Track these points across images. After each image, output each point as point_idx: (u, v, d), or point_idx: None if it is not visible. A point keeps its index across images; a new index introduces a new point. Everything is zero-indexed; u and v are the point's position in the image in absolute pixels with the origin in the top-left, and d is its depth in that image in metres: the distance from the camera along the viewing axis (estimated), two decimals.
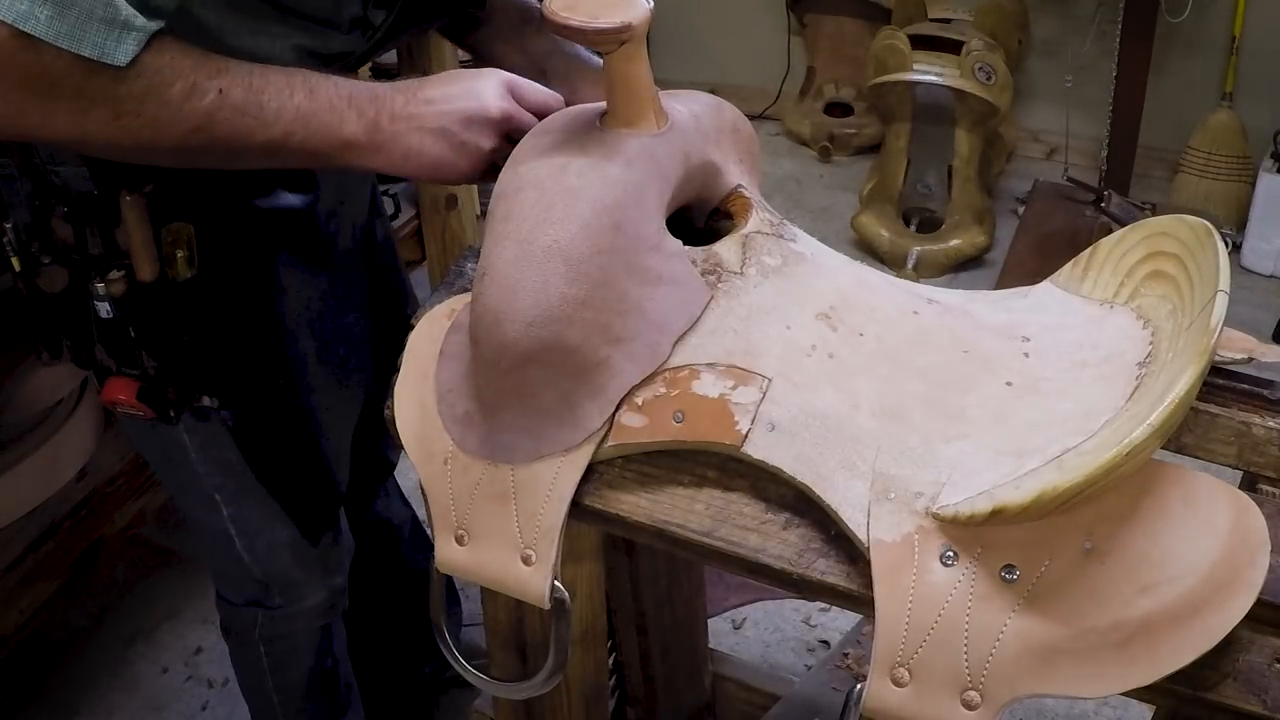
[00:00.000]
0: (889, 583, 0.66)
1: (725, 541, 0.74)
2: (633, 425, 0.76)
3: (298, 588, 1.24)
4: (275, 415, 1.12)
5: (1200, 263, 0.71)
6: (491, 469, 0.77)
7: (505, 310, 0.73)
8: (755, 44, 3.54)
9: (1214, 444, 0.75)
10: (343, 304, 1.15)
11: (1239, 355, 0.77)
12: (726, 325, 0.77)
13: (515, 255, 0.73)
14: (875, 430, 0.72)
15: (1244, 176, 2.85)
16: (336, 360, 1.15)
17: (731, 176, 0.88)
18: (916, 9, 3.02)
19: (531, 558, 0.76)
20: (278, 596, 1.24)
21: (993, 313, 0.82)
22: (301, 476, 1.18)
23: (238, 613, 1.27)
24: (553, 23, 0.73)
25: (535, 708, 1.06)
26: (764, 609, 1.89)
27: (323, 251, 1.11)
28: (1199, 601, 0.62)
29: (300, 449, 1.16)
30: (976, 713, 0.64)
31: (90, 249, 0.97)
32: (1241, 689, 0.64)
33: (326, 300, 1.12)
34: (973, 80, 2.67)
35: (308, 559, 1.22)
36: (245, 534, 1.17)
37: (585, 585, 0.96)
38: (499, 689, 0.98)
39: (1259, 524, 0.64)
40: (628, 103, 0.78)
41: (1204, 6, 2.80)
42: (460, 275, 0.92)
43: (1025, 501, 0.62)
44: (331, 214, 1.12)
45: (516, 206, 0.75)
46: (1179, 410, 0.61)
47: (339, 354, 1.15)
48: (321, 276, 1.11)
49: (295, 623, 1.27)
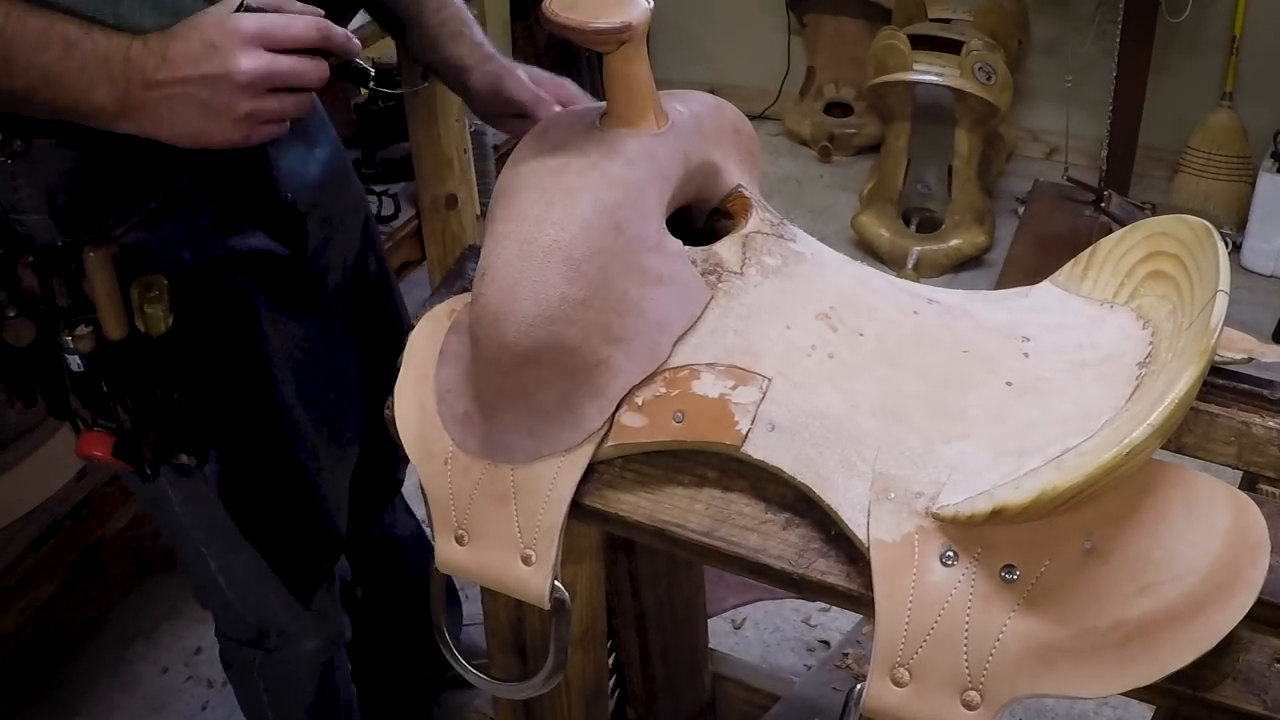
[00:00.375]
0: (889, 583, 0.66)
1: (725, 541, 0.74)
2: (633, 425, 0.76)
3: (293, 636, 1.22)
4: (263, 471, 1.07)
5: (1200, 263, 0.71)
6: (491, 469, 0.77)
7: (505, 310, 0.73)
8: (755, 44, 3.54)
9: (1214, 444, 0.75)
10: (332, 347, 1.10)
11: (1239, 355, 0.77)
12: (726, 325, 0.77)
13: (515, 255, 0.73)
14: (875, 430, 0.72)
15: (1244, 176, 2.85)
16: (327, 406, 1.10)
17: (731, 176, 0.88)
18: (916, 9, 3.02)
19: (531, 558, 0.76)
20: (274, 639, 1.21)
21: (993, 313, 0.82)
22: (292, 534, 1.13)
23: (238, 650, 1.26)
24: (552, 22, 0.73)
25: (535, 708, 1.06)
26: (764, 609, 1.89)
27: (309, 292, 1.07)
28: (1199, 601, 0.62)
29: (291, 505, 1.11)
30: (976, 713, 0.64)
31: (58, 299, 0.92)
32: (1241, 689, 0.64)
33: (314, 344, 1.07)
34: (973, 80, 2.67)
35: (301, 613, 1.19)
36: (234, 586, 1.15)
37: (585, 585, 0.96)
38: (499, 689, 0.98)
39: (1259, 524, 0.64)
40: (628, 103, 0.78)
41: (1204, 6, 2.80)
42: (460, 275, 0.92)
43: (1025, 501, 0.62)
44: (318, 251, 1.07)
45: (516, 206, 0.75)
46: (1179, 410, 0.61)
47: (329, 399, 1.10)
48: (307, 319, 1.06)
49: (294, 665, 1.26)
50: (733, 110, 0.91)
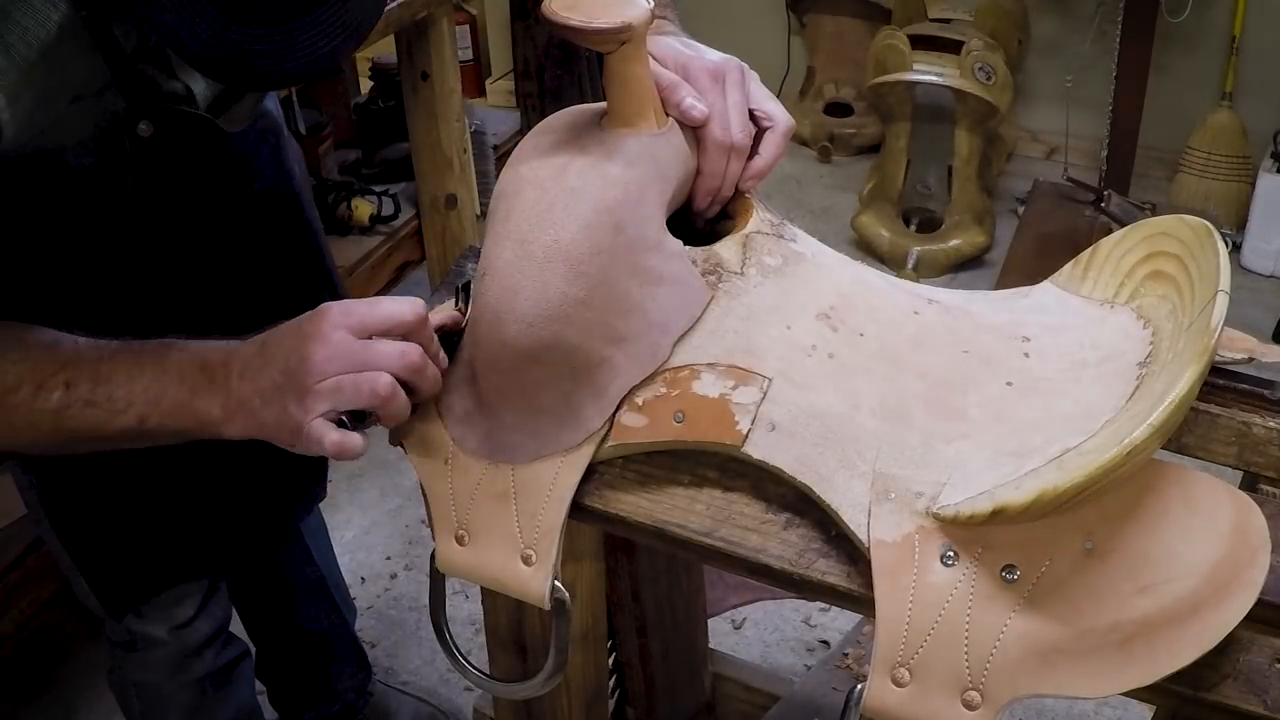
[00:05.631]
0: (889, 583, 0.66)
1: (725, 541, 0.74)
2: (633, 425, 0.76)
3: (150, 639, 1.23)
4: (77, 478, 1.04)
5: (1200, 263, 0.71)
6: (492, 469, 0.77)
7: (505, 310, 0.73)
8: (755, 44, 3.53)
9: (1214, 444, 0.75)
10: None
11: (1239, 355, 0.77)
12: (727, 325, 0.77)
13: (515, 255, 0.73)
14: (876, 430, 0.72)
15: (1244, 176, 2.85)
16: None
17: None
18: (916, 9, 3.02)
19: (531, 558, 0.76)
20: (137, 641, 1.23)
21: (993, 313, 0.82)
22: (109, 545, 1.11)
23: (110, 649, 1.28)
24: (552, 22, 0.73)
25: (535, 708, 1.06)
26: (764, 609, 1.89)
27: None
28: (1199, 601, 0.62)
29: (110, 515, 1.08)
30: (977, 713, 0.64)
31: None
32: (1241, 689, 0.64)
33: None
34: (973, 80, 2.67)
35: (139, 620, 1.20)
36: (77, 584, 1.15)
37: (585, 585, 0.96)
38: (499, 689, 0.98)
39: (1259, 524, 0.64)
40: (628, 103, 0.78)
41: (1204, 6, 2.80)
42: (460, 275, 0.92)
43: (1026, 501, 0.62)
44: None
45: (517, 206, 0.75)
46: (1179, 410, 0.61)
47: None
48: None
49: (156, 669, 1.27)
50: None
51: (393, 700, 1.66)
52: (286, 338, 0.75)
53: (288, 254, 1.18)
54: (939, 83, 2.67)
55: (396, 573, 2.00)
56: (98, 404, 0.76)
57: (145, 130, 0.88)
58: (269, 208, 1.15)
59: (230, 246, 1.10)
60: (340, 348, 0.73)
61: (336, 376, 0.72)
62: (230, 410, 0.76)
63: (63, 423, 0.76)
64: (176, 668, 1.27)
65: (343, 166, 2.58)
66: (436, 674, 1.81)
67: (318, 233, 1.25)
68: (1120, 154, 2.76)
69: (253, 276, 1.12)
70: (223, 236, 1.08)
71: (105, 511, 1.09)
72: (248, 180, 1.12)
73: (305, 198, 1.22)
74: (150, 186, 0.95)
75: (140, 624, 1.22)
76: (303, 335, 0.74)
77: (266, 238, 1.15)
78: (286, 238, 1.18)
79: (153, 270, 1.02)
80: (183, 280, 1.05)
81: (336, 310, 0.75)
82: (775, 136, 0.84)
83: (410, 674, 1.81)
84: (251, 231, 1.12)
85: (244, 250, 1.11)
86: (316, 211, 1.27)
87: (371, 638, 1.87)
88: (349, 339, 0.73)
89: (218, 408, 0.76)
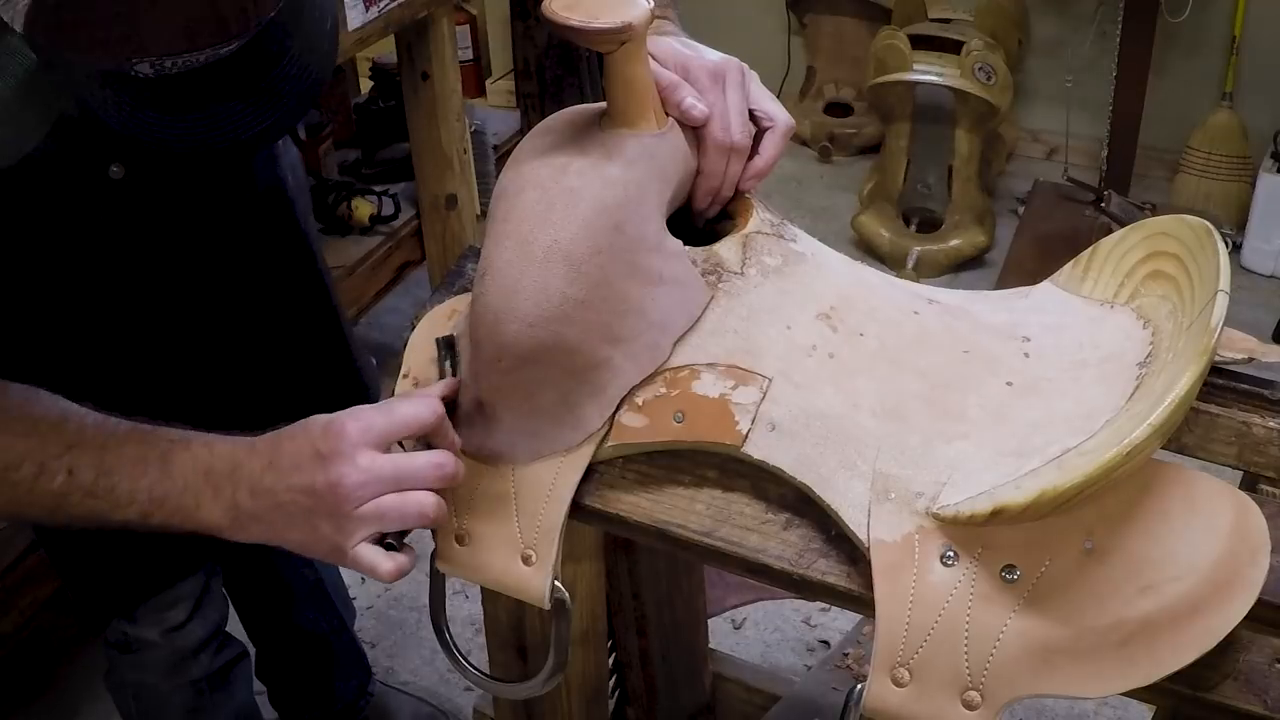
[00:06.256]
0: (889, 583, 0.66)
1: (725, 541, 0.74)
2: (633, 425, 0.76)
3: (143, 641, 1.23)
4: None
5: (1200, 263, 0.70)
6: (492, 469, 0.77)
7: (505, 310, 0.73)
8: (755, 44, 3.53)
9: (1214, 444, 0.75)
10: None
11: (1239, 355, 0.77)
12: (727, 325, 0.77)
13: (515, 255, 0.73)
14: (876, 430, 0.71)
15: (1244, 176, 2.85)
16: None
17: None
18: (916, 9, 3.02)
19: (531, 558, 0.76)
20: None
21: (993, 313, 0.82)
22: (89, 558, 1.10)
23: (106, 650, 1.28)
24: (552, 22, 0.73)
25: (535, 708, 1.06)
26: (764, 609, 1.89)
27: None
28: (1199, 601, 0.62)
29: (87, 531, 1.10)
30: (977, 713, 0.64)
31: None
32: (1241, 689, 0.64)
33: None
34: (973, 80, 2.67)
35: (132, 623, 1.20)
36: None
37: (585, 585, 0.96)
38: (499, 689, 0.98)
39: (1259, 524, 0.64)
40: (628, 103, 0.78)
41: (1204, 6, 2.80)
42: (460, 275, 0.92)
43: (1026, 501, 0.62)
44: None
45: (517, 206, 0.75)
46: (1179, 410, 0.61)
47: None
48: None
49: (153, 670, 1.27)
50: None
51: (393, 700, 1.66)
52: (302, 458, 0.72)
53: (278, 261, 1.18)
54: (939, 83, 2.67)
55: None
56: (99, 495, 0.74)
57: (117, 173, 0.87)
58: (260, 215, 1.15)
59: (219, 255, 1.10)
60: (373, 471, 0.70)
61: (375, 501, 0.71)
62: (240, 521, 0.74)
63: (64, 506, 0.75)
64: (172, 670, 1.27)
65: (343, 166, 2.58)
66: (436, 674, 1.81)
67: (311, 238, 1.24)
68: (1120, 154, 2.76)
69: (242, 283, 1.12)
70: (211, 245, 1.08)
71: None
72: (238, 190, 1.12)
73: (300, 205, 1.22)
74: (129, 221, 0.95)
75: (134, 628, 1.23)
76: (322, 457, 0.71)
77: (256, 245, 1.14)
78: (277, 245, 1.18)
79: (141, 277, 1.02)
80: (172, 287, 1.05)
81: (354, 428, 0.71)
82: (775, 136, 0.84)
83: (410, 674, 1.81)
84: (241, 239, 1.12)
85: (232, 258, 1.11)
86: (312, 217, 1.26)
87: (371, 638, 1.87)
88: (377, 459, 0.71)
89: (225, 519, 0.74)
